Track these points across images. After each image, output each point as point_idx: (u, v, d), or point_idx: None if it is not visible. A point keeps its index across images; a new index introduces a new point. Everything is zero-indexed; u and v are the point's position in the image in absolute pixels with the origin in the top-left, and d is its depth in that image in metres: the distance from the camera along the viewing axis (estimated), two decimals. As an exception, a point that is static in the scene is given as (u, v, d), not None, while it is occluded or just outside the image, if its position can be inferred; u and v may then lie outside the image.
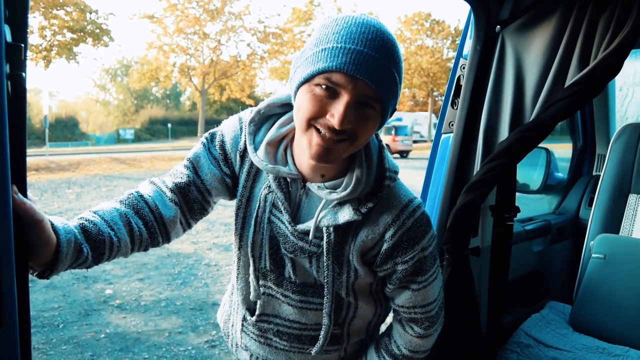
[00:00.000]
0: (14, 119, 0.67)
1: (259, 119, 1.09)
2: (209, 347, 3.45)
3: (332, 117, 0.89)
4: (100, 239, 0.91)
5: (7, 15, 0.68)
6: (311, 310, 1.11)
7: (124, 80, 51.83)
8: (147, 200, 1.04)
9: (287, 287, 1.10)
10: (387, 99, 0.92)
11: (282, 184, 1.06)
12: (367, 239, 1.04)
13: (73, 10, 19.19)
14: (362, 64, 0.87)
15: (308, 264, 1.07)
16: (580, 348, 1.83)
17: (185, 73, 28.87)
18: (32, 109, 38.43)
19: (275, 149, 1.06)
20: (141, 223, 1.01)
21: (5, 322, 0.65)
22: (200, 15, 27.40)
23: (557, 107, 1.29)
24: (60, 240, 0.82)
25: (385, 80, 0.90)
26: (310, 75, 0.90)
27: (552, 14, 1.37)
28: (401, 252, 1.04)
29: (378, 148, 1.08)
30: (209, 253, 6.01)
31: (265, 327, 1.16)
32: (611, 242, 2.01)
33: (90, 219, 0.93)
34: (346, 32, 0.89)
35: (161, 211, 1.04)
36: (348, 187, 1.01)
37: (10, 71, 0.68)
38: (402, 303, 1.12)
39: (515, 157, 1.39)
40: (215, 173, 1.10)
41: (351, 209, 1.02)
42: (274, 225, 1.08)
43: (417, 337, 1.15)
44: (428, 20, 34.71)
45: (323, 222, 1.03)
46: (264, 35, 29.15)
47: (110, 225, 0.95)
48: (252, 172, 1.10)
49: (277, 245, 1.08)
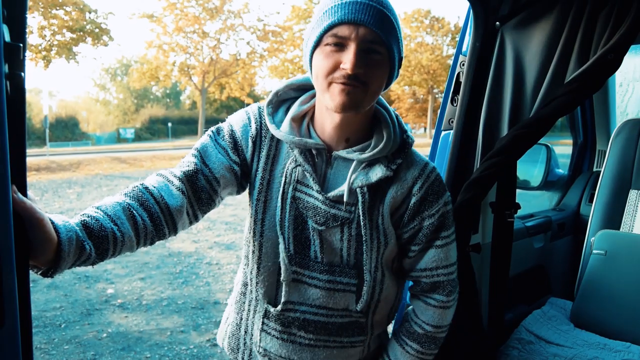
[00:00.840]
0: (14, 118, 0.68)
1: (276, 101, 1.15)
2: (211, 345, 3.46)
3: (345, 64, 0.97)
4: (103, 234, 0.90)
5: (5, 15, 0.69)
6: (339, 291, 1.12)
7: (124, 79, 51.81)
8: (152, 192, 1.03)
9: (313, 268, 1.11)
10: (390, 41, 1.00)
11: (308, 157, 1.10)
12: (397, 194, 1.10)
13: (72, 9, 19.18)
14: (360, 11, 0.97)
15: (339, 235, 1.10)
16: (582, 344, 1.83)
17: (185, 72, 28.86)
18: (33, 109, 38.42)
19: (299, 125, 1.12)
20: (146, 215, 1.00)
21: (6, 322, 0.66)
22: (200, 13, 27.39)
23: (557, 103, 1.28)
24: (61, 238, 0.81)
25: (384, 23, 0.99)
26: (319, 36, 1.00)
27: (551, 10, 1.37)
28: (427, 205, 1.12)
29: (395, 114, 1.16)
30: (210, 252, 6.02)
31: (290, 318, 1.14)
32: (612, 238, 2.01)
33: (92, 215, 0.92)
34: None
35: (167, 201, 1.03)
36: (379, 145, 1.08)
37: (9, 71, 0.68)
38: (425, 265, 1.16)
39: (515, 153, 1.39)
40: (224, 161, 1.11)
41: (382, 166, 1.08)
42: (299, 202, 1.10)
43: (440, 307, 1.17)
44: (428, 18, 34.65)
45: (356, 183, 1.07)
46: (264, 34, 29.14)
47: (113, 219, 0.94)
48: (271, 154, 1.14)
49: (303, 224, 1.10)
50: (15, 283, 0.66)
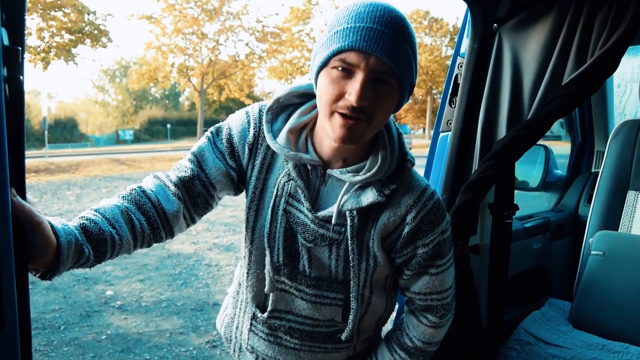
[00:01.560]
0: (13, 122, 0.68)
1: (277, 108, 1.09)
2: (210, 347, 3.46)
3: (350, 95, 0.91)
4: (102, 238, 0.90)
5: (4, 19, 0.69)
6: (325, 305, 1.11)
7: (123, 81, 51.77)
8: (149, 195, 1.03)
9: (301, 281, 1.10)
10: (402, 73, 0.93)
11: (302, 172, 1.06)
12: (389, 221, 1.05)
13: (71, 11, 19.17)
14: (372, 40, 0.89)
15: (327, 253, 1.07)
16: (580, 345, 1.83)
17: (184, 73, 28.86)
18: (31, 110, 38.39)
19: (296, 137, 1.07)
20: (143, 219, 1.01)
21: (5, 324, 0.66)
22: (199, 15, 27.39)
23: (555, 104, 1.29)
24: (60, 242, 0.82)
25: (397, 53, 0.91)
26: (326, 59, 0.93)
27: (549, 12, 1.37)
28: (422, 234, 1.06)
29: (398, 135, 1.09)
30: (210, 253, 6.02)
31: (276, 325, 1.15)
32: (610, 238, 2.01)
33: (91, 218, 0.92)
34: (355, 13, 0.92)
35: (164, 206, 1.03)
36: (373, 168, 1.02)
37: (7, 74, 0.68)
38: (419, 290, 1.13)
39: (514, 155, 1.39)
40: (220, 167, 1.10)
41: (374, 190, 1.03)
42: (290, 215, 1.07)
43: (432, 327, 1.16)
44: (426, 18, 34.69)
45: (346, 205, 1.03)
46: (263, 35, 29.13)
47: (111, 223, 0.94)
48: (265, 163, 1.10)
49: (293, 237, 1.08)
50: (15, 285, 0.66)
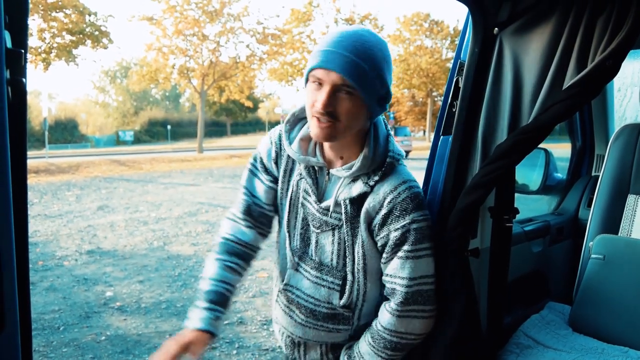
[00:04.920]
0: (15, 123, 0.68)
1: (293, 120, 1.36)
2: (209, 348, 3.46)
3: (318, 103, 1.16)
4: (226, 298, 1.36)
5: (7, 22, 0.69)
6: (324, 287, 1.33)
7: (124, 82, 51.86)
8: (230, 239, 1.43)
9: (308, 263, 1.35)
10: (358, 84, 1.15)
11: (311, 172, 1.33)
12: (370, 207, 1.26)
13: (72, 12, 19.23)
14: (332, 61, 1.14)
15: (331, 237, 1.31)
16: (580, 349, 1.83)
17: (185, 74, 28.84)
18: (32, 111, 38.42)
19: (307, 144, 1.33)
20: (238, 259, 1.42)
21: (7, 325, 0.66)
22: (200, 16, 27.39)
23: (556, 109, 1.29)
24: (216, 335, 1.32)
25: (353, 70, 1.14)
26: (306, 75, 1.21)
27: (550, 16, 1.38)
28: (393, 219, 1.25)
29: (386, 135, 1.32)
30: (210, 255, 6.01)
31: (290, 298, 1.38)
32: (610, 242, 2.01)
33: (215, 291, 1.36)
34: (329, 38, 1.18)
35: (244, 240, 1.43)
36: (357, 164, 1.24)
37: (10, 76, 0.68)
38: (387, 271, 1.29)
39: (514, 159, 1.39)
40: (265, 188, 1.41)
41: (361, 182, 1.26)
42: (305, 207, 1.34)
43: (390, 314, 1.28)
44: (427, 21, 34.77)
45: (341, 196, 1.27)
46: (263, 37, 29.13)
47: (225, 282, 1.38)
48: (287, 169, 1.38)
49: (307, 225, 1.35)
50: (16, 288, 0.67)
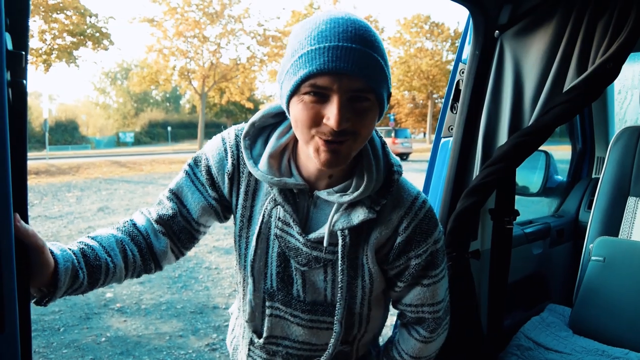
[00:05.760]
0: (15, 125, 0.68)
1: (254, 132, 1.05)
2: (210, 350, 3.45)
3: (329, 120, 0.85)
4: (97, 264, 0.94)
5: (8, 24, 0.69)
6: (322, 329, 1.08)
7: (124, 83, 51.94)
8: (140, 229, 1.07)
9: (296, 306, 1.07)
10: (377, 86, 0.87)
11: (289, 196, 1.02)
12: (381, 235, 1.03)
13: (73, 14, 19.22)
14: (341, 59, 0.83)
15: (322, 276, 1.04)
16: (580, 351, 1.83)
17: (185, 76, 28.87)
18: (32, 112, 38.47)
19: (278, 161, 1.02)
20: (136, 250, 1.04)
21: (7, 327, 0.66)
22: (200, 18, 27.43)
23: (556, 111, 1.29)
24: (58, 267, 0.85)
25: (369, 66, 0.85)
26: (295, 86, 0.87)
27: (551, 19, 1.38)
28: (414, 245, 1.03)
29: (381, 144, 1.06)
30: (210, 256, 6.01)
31: (273, 350, 1.13)
32: (610, 244, 2.01)
33: (88, 244, 0.95)
34: (317, 32, 0.86)
35: (152, 242, 1.07)
36: (360, 187, 0.98)
37: (11, 78, 0.68)
38: (410, 302, 1.11)
39: (515, 161, 1.39)
40: (201, 201, 1.09)
41: (365, 207, 0.99)
42: (282, 240, 1.04)
43: (421, 342, 1.14)
44: (427, 23, 34.77)
45: (337, 225, 1.00)
46: (264, 38, 29.15)
47: (107, 250, 0.97)
48: (249, 190, 1.07)
49: (286, 262, 1.05)
50: (16, 290, 0.67)
